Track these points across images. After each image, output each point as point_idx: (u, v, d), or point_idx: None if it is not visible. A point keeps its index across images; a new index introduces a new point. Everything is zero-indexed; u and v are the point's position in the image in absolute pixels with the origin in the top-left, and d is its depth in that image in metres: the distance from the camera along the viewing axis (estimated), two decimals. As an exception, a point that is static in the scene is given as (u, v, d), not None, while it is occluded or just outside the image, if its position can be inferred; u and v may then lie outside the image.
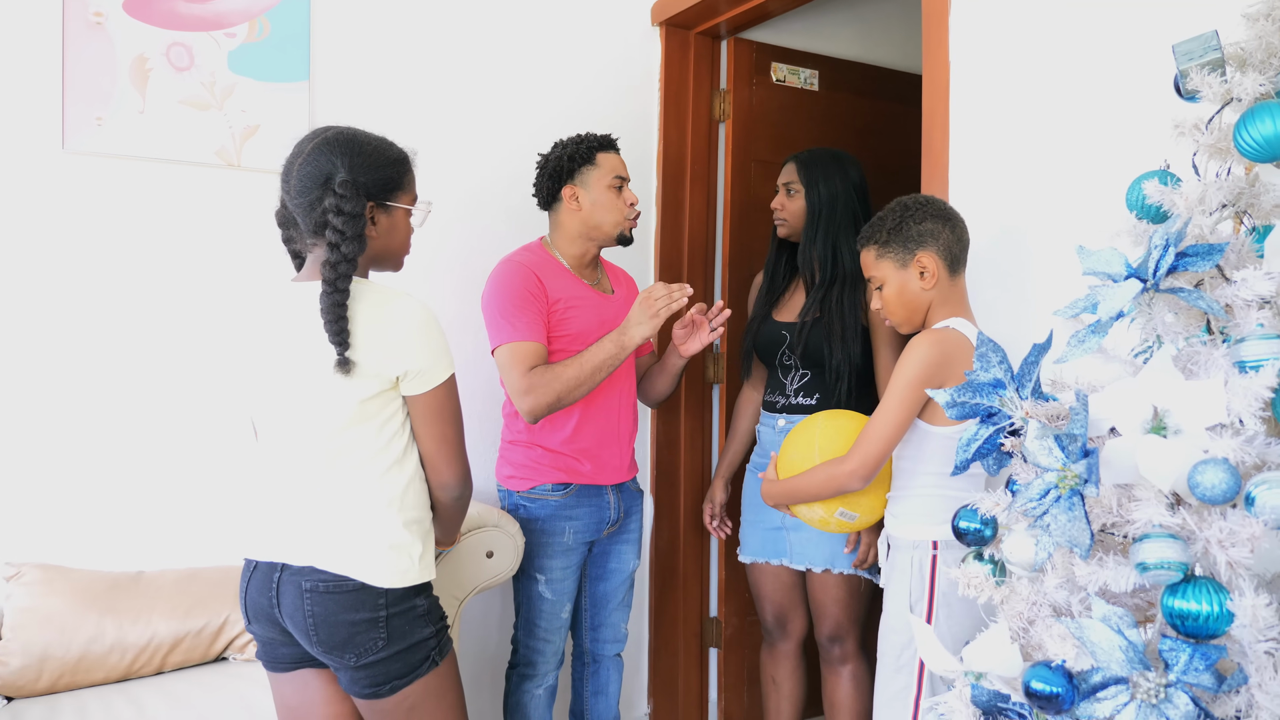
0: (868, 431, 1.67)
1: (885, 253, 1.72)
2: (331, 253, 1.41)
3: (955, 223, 1.71)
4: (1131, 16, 1.65)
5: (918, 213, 1.70)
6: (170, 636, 1.99)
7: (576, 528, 2.18)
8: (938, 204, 1.72)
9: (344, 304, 1.40)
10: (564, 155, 2.15)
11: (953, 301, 1.71)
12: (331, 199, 1.43)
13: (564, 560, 2.17)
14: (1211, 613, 0.98)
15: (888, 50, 3.15)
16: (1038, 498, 1.10)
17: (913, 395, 1.62)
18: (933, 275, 1.69)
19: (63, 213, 2.09)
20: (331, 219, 1.42)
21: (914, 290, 1.71)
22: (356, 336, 1.41)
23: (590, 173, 2.15)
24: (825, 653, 2.27)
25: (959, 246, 1.71)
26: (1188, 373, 1.13)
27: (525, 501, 2.18)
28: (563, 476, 2.16)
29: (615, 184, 2.16)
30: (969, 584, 1.28)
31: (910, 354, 1.64)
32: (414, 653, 1.49)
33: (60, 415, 2.09)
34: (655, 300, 2.03)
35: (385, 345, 1.43)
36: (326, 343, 1.40)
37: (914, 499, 1.72)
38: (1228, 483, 0.97)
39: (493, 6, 2.58)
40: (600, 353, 2.05)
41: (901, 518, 1.74)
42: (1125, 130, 1.65)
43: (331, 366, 1.40)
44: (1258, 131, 1.09)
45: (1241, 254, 1.15)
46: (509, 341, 2.04)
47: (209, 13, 2.21)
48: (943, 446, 1.66)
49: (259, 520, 1.52)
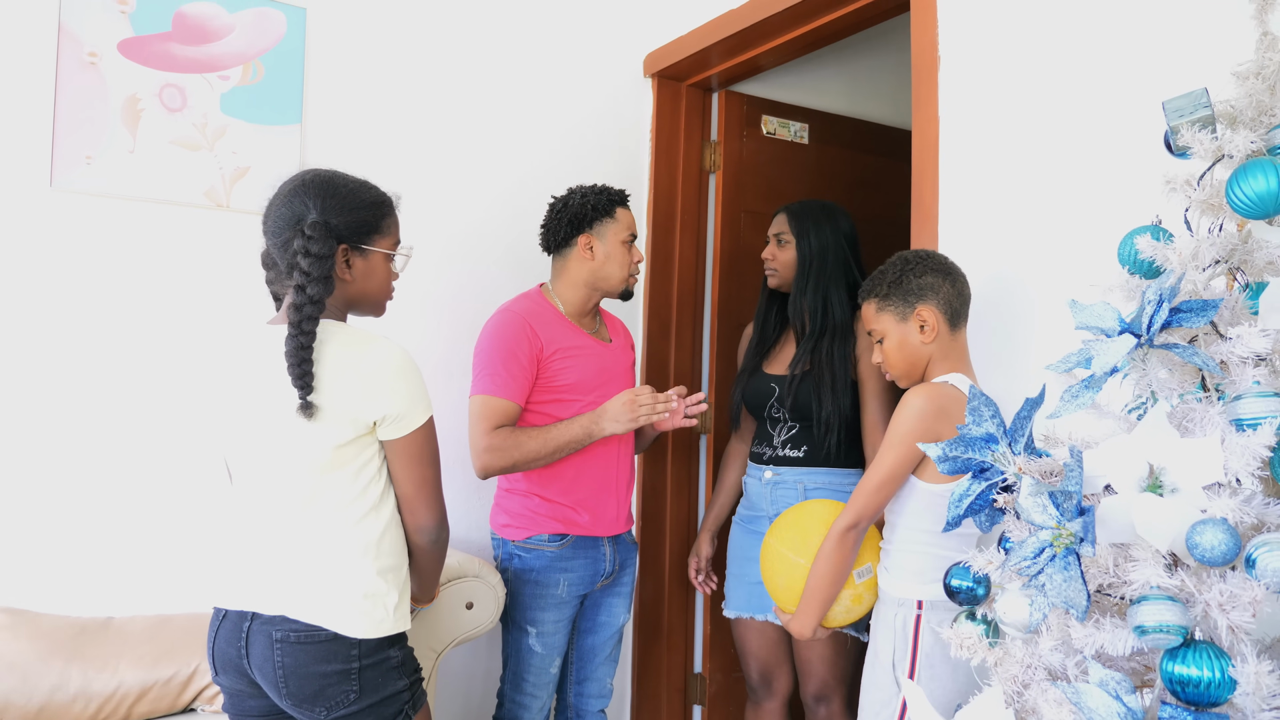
0: (863, 485, 1.67)
1: (885, 306, 1.71)
2: (297, 294, 1.39)
3: (956, 277, 1.71)
4: (1121, 73, 1.66)
5: (918, 266, 1.70)
6: (137, 686, 1.92)
7: (571, 580, 2.14)
8: (938, 258, 1.72)
9: (309, 346, 1.37)
10: (586, 204, 2.16)
11: (953, 357, 1.71)
12: (300, 240, 1.41)
13: (556, 614, 2.13)
14: (1213, 679, 0.95)
15: (877, 105, 3.19)
16: (1032, 556, 1.07)
17: (906, 448, 1.61)
18: (933, 329, 1.68)
19: (49, 251, 2.07)
20: (299, 260, 1.40)
21: (914, 344, 1.70)
22: (328, 380, 1.39)
23: (608, 226, 2.17)
24: (811, 713, 2.21)
25: (959, 301, 1.71)
26: (1183, 430, 1.11)
27: (520, 551, 2.14)
28: (560, 527, 2.13)
29: (628, 240, 2.19)
30: (961, 645, 1.25)
31: (904, 407, 1.63)
32: (387, 706, 1.44)
33: (34, 452, 2.05)
34: (639, 405, 2.05)
35: (361, 389, 1.40)
36: (309, 385, 1.37)
37: (903, 555, 1.69)
38: (1227, 544, 0.95)
39: (486, 53, 2.60)
40: (567, 433, 2.06)
41: (890, 572, 1.71)
42: (1115, 185, 1.66)
43: (311, 409, 1.37)
44: (1250, 188, 1.09)
45: (1235, 310, 1.14)
46: (483, 394, 2.05)
47: (204, 55, 2.21)
48: (934, 503, 1.64)
49: (230, 567, 1.48)
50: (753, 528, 2.27)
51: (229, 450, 1.49)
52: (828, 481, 2.21)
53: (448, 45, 2.54)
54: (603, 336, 2.26)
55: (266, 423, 1.42)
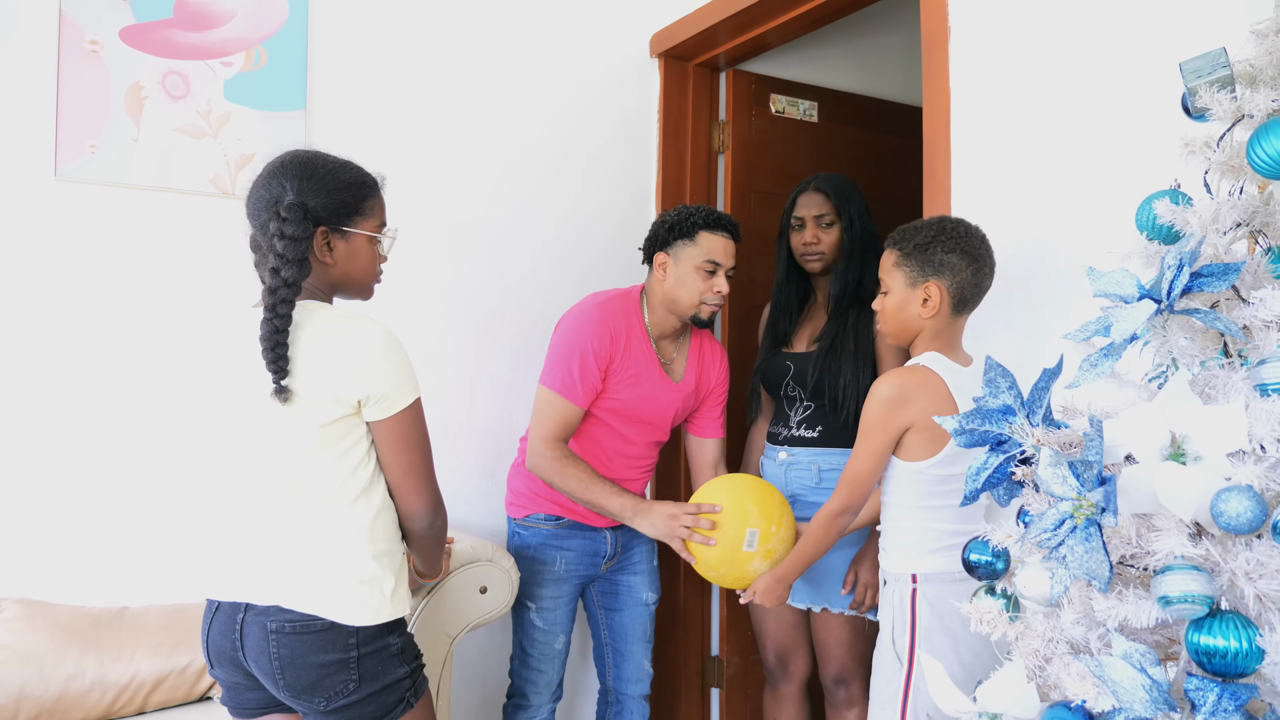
0: (845, 473, 1.72)
1: (902, 264, 1.68)
2: (272, 277, 1.36)
3: (981, 266, 1.66)
4: (1135, 35, 1.63)
5: (949, 241, 1.65)
6: (153, 675, 1.92)
7: (568, 559, 2.17)
8: (972, 242, 1.66)
9: (283, 330, 1.34)
10: (669, 222, 2.12)
11: (944, 337, 1.69)
12: (275, 223, 1.38)
13: (555, 589, 2.16)
14: (1240, 649, 0.93)
15: (885, 82, 3.15)
16: (1052, 528, 1.05)
17: (875, 437, 1.66)
18: (934, 307, 1.66)
19: (53, 240, 2.06)
20: (274, 243, 1.37)
21: (912, 312, 1.68)
22: (309, 361, 1.36)
23: (685, 248, 2.10)
24: (830, 695, 2.20)
25: (973, 290, 1.67)
26: (1206, 397, 1.08)
27: (520, 529, 2.21)
28: (558, 510, 2.17)
29: (707, 267, 2.09)
30: (981, 620, 1.23)
31: (871, 396, 1.67)
32: (388, 694, 1.42)
33: (46, 443, 2.05)
34: (679, 529, 1.96)
35: (345, 369, 1.37)
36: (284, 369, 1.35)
37: (896, 532, 1.71)
38: (1253, 511, 0.92)
39: (491, 36, 2.57)
40: (606, 500, 2.05)
41: (887, 550, 1.74)
42: (1132, 150, 1.63)
43: (285, 393, 1.35)
44: (1272, 148, 1.06)
45: (1258, 274, 1.11)
46: (554, 391, 2.06)
47: (206, 42, 2.20)
48: (917, 480, 1.66)
49: (221, 558, 1.45)
50: (769, 510, 2.26)
51: (221, 436, 1.47)
52: (841, 463, 2.18)
53: (452, 28, 2.52)
54: (674, 373, 2.21)
55: (251, 407, 1.40)
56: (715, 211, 2.12)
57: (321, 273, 1.46)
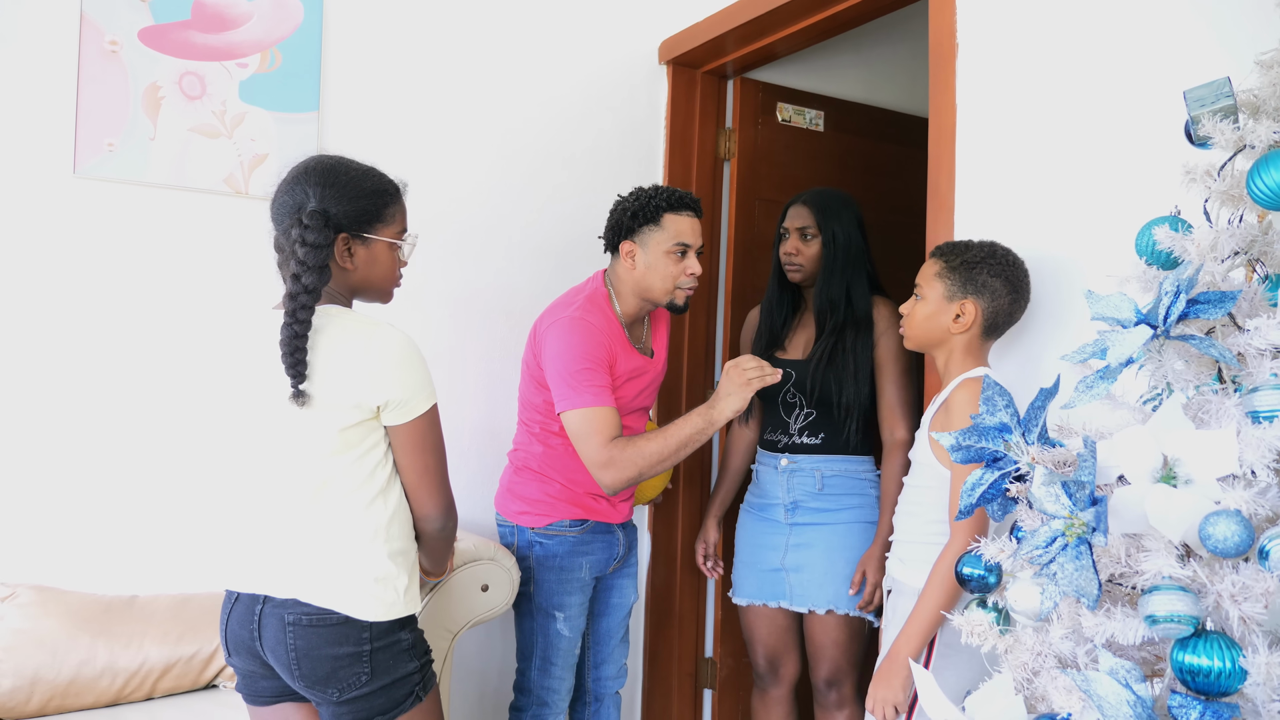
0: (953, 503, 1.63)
1: (945, 275, 1.70)
2: (293, 284, 1.39)
3: (1020, 297, 1.70)
4: (1141, 61, 1.65)
5: (995, 266, 1.67)
6: (161, 662, 1.96)
7: (591, 563, 2.15)
8: (1019, 274, 1.69)
9: (303, 335, 1.37)
10: (630, 209, 2.05)
11: (976, 355, 1.71)
12: (297, 229, 1.41)
13: (580, 596, 2.15)
14: (1224, 669, 0.95)
15: (893, 93, 3.17)
16: (1044, 545, 1.08)
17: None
18: (964, 324, 1.68)
19: (71, 236, 2.09)
20: (296, 249, 1.40)
21: (941, 324, 1.70)
22: (329, 366, 1.39)
23: (652, 233, 2.04)
24: (821, 697, 2.23)
25: (1005, 317, 1.70)
26: (1198, 422, 1.11)
27: (541, 538, 2.12)
28: (579, 513, 2.13)
29: (676, 250, 2.04)
30: (971, 631, 1.26)
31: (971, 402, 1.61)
32: (398, 688, 1.46)
33: (61, 436, 2.08)
34: (747, 370, 1.91)
35: (366, 375, 1.41)
36: (302, 374, 1.38)
37: (919, 544, 1.69)
38: (1241, 535, 0.95)
39: (502, 41, 2.60)
40: (687, 427, 1.94)
41: (907, 562, 1.72)
42: (1133, 175, 1.65)
43: (303, 397, 1.38)
44: (1272, 179, 1.08)
45: (1254, 302, 1.14)
46: (585, 406, 1.95)
47: (222, 43, 2.22)
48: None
49: (241, 551, 1.50)
50: (764, 515, 2.28)
51: (241, 434, 1.50)
52: (844, 469, 2.21)
53: (463, 33, 2.54)
54: (646, 350, 2.20)
55: (271, 408, 1.44)
56: (676, 191, 2.07)
57: (342, 277, 1.49)
